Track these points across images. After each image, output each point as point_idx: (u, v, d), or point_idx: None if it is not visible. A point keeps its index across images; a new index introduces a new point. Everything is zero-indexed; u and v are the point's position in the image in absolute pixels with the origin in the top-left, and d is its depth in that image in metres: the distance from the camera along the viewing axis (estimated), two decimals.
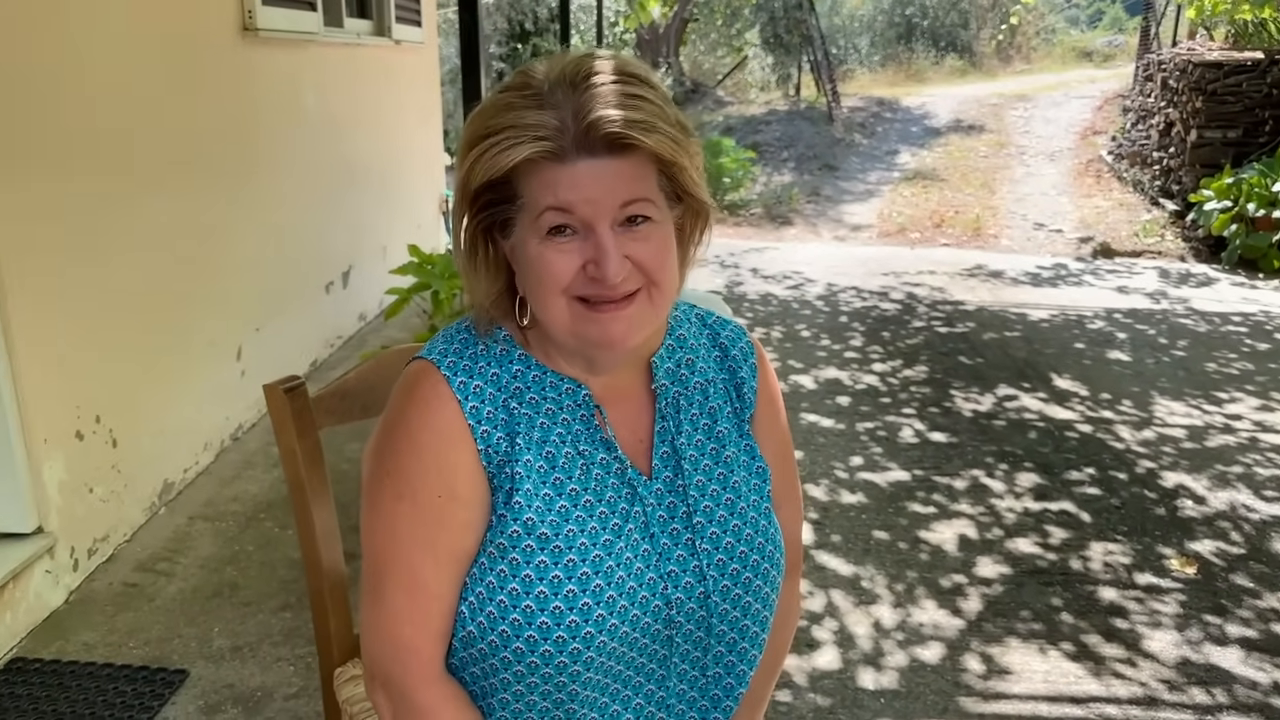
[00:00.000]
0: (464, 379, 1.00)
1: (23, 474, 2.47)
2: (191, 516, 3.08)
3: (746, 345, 1.16)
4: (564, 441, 1.02)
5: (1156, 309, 5.81)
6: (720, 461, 1.09)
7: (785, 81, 16.45)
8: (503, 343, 1.04)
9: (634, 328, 0.98)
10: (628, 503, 1.03)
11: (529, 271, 0.96)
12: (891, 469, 3.52)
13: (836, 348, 4.99)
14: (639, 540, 1.02)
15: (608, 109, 0.90)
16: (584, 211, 0.92)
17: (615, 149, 0.92)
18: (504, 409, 1.00)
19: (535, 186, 0.93)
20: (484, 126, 0.94)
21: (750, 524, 1.08)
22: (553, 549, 0.98)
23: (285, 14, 3.92)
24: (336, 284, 4.69)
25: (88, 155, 2.73)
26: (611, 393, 1.06)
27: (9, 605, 2.40)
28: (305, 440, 1.41)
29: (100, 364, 2.79)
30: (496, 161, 0.91)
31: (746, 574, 1.06)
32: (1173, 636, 2.54)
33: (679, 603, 1.03)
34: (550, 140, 0.90)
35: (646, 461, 1.06)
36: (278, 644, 2.44)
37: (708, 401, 1.11)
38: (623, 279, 0.94)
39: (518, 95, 0.94)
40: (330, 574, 1.44)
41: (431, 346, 1.04)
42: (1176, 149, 8.43)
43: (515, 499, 0.98)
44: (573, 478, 1.01)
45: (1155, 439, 3.82)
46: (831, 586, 2.74)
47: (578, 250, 0.94)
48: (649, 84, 0.95)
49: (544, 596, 0.97)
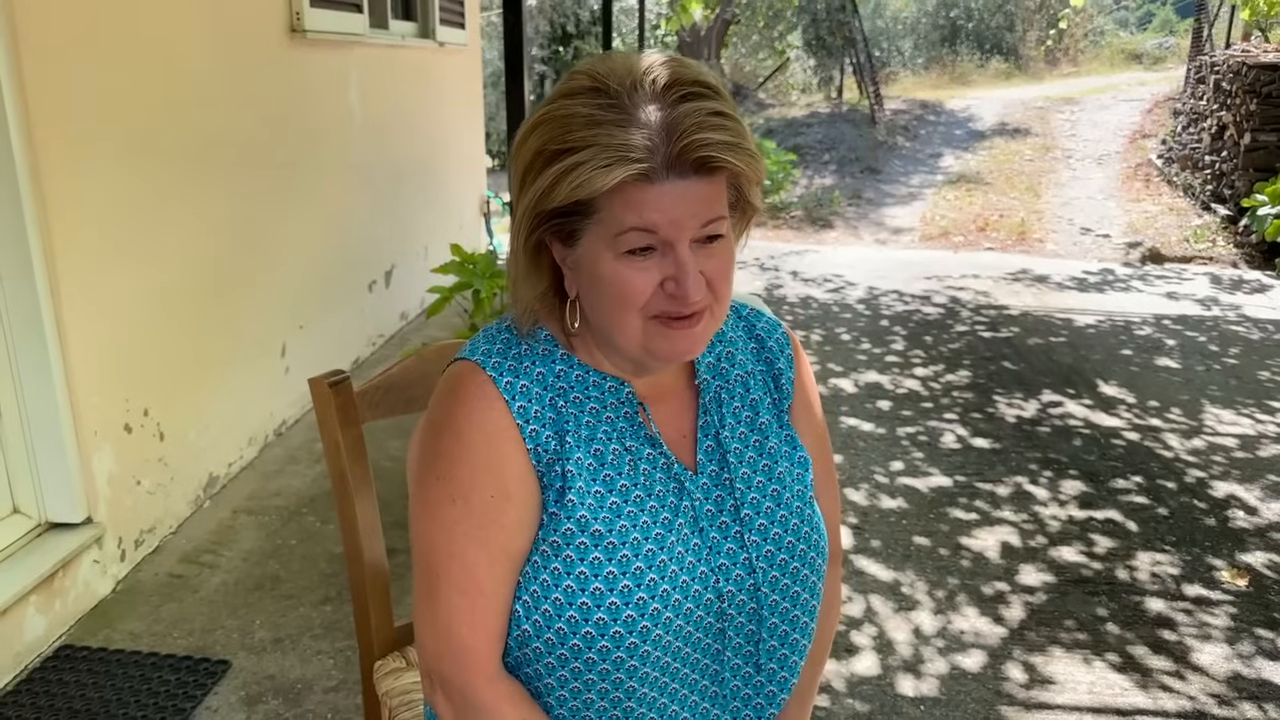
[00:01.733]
0: (510, 379, 1.00)
1: (73, 465, 2.52)
2: (235, 510, 3.13)
3: (782, 336, 1.17)
4: (610, 438, 1.02)
5: (1207, 315, 5.69)
6: (764, 453, 1.09)
7: (827, 84, 16.34)
8: (544, 342, 1.04)
9: (699, 343, 0.99)
10: (676, 497, 1.03)
11: (602, 288, 0.95)
12: (933, 474, 3.48)
13: (877, 351, 4.94)
14: (689, 534, 1.02)
15: (700, 132, 0.89)
16: (668, 232, 0.91)
17: (703, 170, 0.91)
18: (551, 407, 1.00)
19: (618, 205, 0.90)
20: (564, 141, 0.90)
21: (796, 514, 1.08)
22: (606, 545, 0.98)
23: (332, 15, 3.96)
24: (379, 283, 4.74)
25: (139, 154, 2.78)
26: (654, 390, 1.07)
27: (59, 593, 2.45)
28: (349, 433, 1.42)
29: (149, 358, 2.84)
30: (590, 182, 0.88)
31: (795, 564, 1.07)
32: (1223, 650, 2.48)
33: (730, 595, 1.03)
34: (642, 162, 0.88)
35: (691, 456, 1.06)
36: (318, 637, 2.46)
37: (749, 394, 1.11)
38: (701, 296, 0.95)
39: (596, 106, 0.90)
40: (371, 567, 1.45)
41: (474, 347, 1.04)
42: (1229, 152, 8.25)
43: (568, 497, 0.98)
44: (622, 473, 1.01)
45: (1205, 448, 3.74)
46: (871, 592, 2.71)
47: (656, 267, 0.93)
48: (723, 96, 0.94)
49: (599, 593, 0.97)
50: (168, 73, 2.91)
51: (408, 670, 1.43)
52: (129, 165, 2.74)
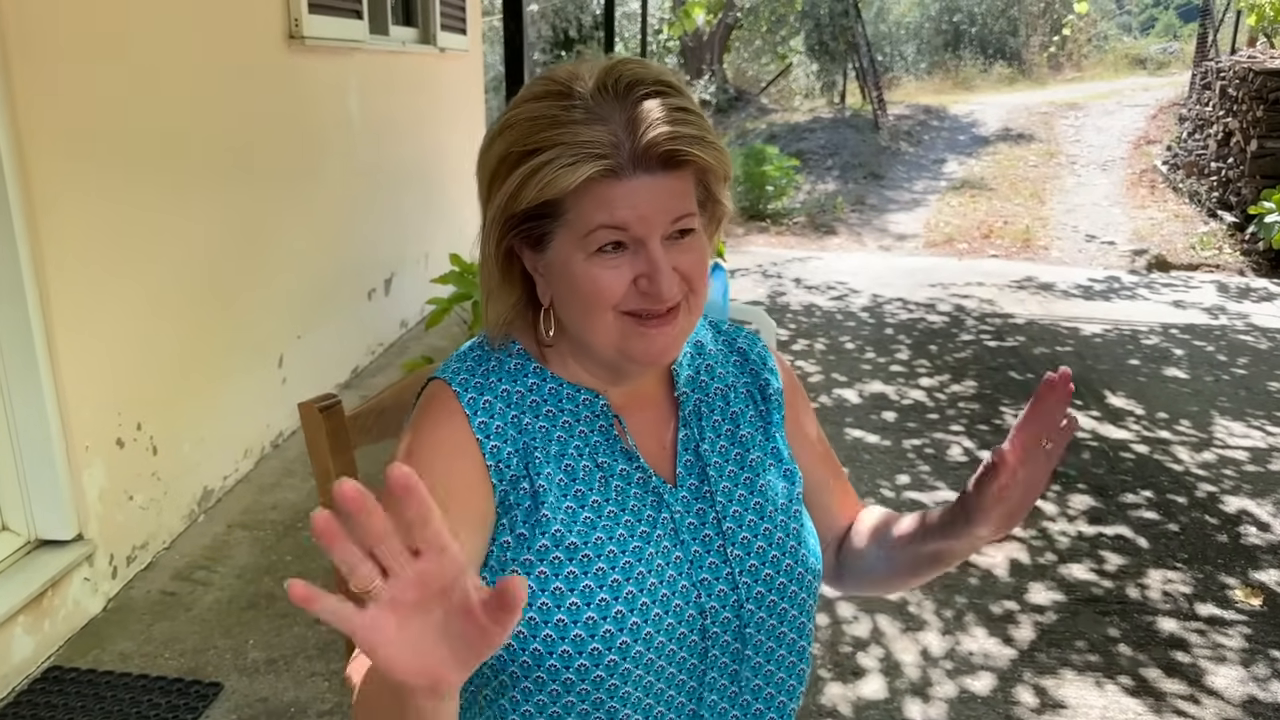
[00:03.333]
0: (474, 395, 1.00)
1: (64, 481, 2.47)
2: (230, 525, 3.08)
3: (764, 349, 1.17)
4: (581, 454, 1.01)
5: (1215, 324, 5.63)
6: (745, 466, 1.08)
7: (830, 89, 16.30)
8: (517, 357, 1.04)
9: (676, 341, 0.98)
10: (654, 510, 1.01)
11: (573, 288, 0.95)
12: (940, 489, 3.42)
13: (882, 361, 4.89)
14: (669, 547, 1.00)
15: (663, 125, 0.89)
16: (637, 229, 0.91)
17: (669, 165, 0.91)
18: (515, 425, 1.00)
19: (586, 204, 0.91)
20: (528, 141, 0.91)
21: (780, 528, 1.06)
22: (581, 558, 0.96)
23: (331, 22, 3.92)
24: (379, 291, 4.69)
25: (133, 162, 2.73)
26: (632, 401, 1.05)
27: (47, 613, 2.40)
28: (340, 460, 1.36)
29: (142, 370, 2.79)
30: (556, 181, 0.89)
31: (780, 579, 1.04)
32: (1238, 672, 2.43)
33: (713, 612, 1.00)
34: (608, 158, 0.89)
35: (670, 469, 1.05)
36: (312, 658, 2.41)
37: (729, 407, 1.10)
38: (675, 292, 0.94)
39: (558, 107, 0.91)
40: None
41: (445, 366, 1.04)
42: (1236, 159, 8.19)
43: (541, 512, 0.96)
44: (593, 489, 1.00)
45: (1215, 461, 3.68)
46: (877, 611, 2.66)
47: (628, 265, 0.93)
48: (686, 94, 0.94)
49: (576, 608, 0.94)
50: (163, 80, 2.87)
51: None
52: (123, 174, 2.69)
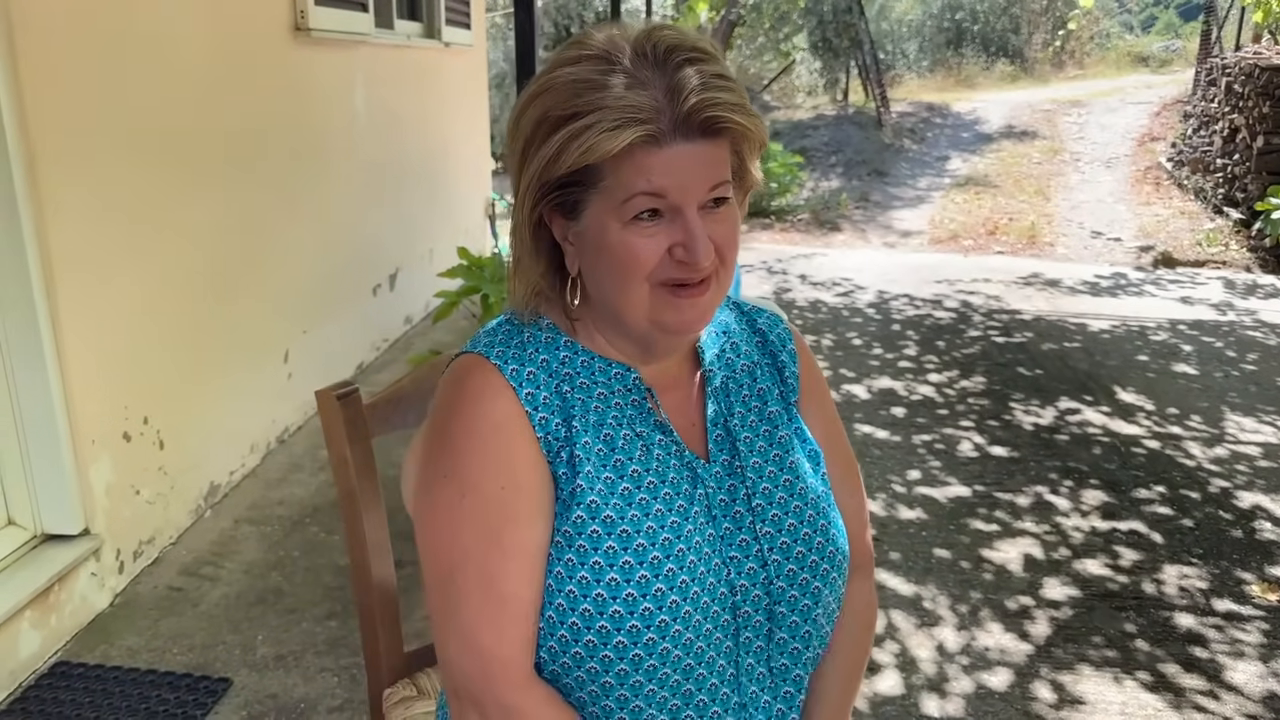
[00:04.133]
0: (515, 366, 0.97)
1: (70, 475, 2.44)
2: (237, 520, 3.05)
3: (784, 331, 1.15)
4: (620, 424, 0.98)
5: (1223, 320, 5.60)
6: (775, 443, 1.06)
7: (833, 86, 16.27)
8: (547, 330, 1.01)
9: (707, 311, 0.96)
10: (690, 485, 0.99)
11: (607, 257, 0.92)
12: (951, 484, 3.40)
13: (890, 356, 4.86)
14: (705, 524, 0.98)
15: (706, 91, 0.87)
16: (676, 197, 0.89)
17: (709, 132, 0.89)
18: (557, 394, 0.97)
19: (626, 170, 0.88)
20: (567, 105, 0.88)
21: (811, 504, 1.04)
22: (620, 533, 0.93)
23: (337, 14, 3.89)
24: (384, 286, 4.66)
25: (138, 155, 2.71)
26: (661, 379, 1.04)
27: (54, 608, 2.37)
28: (358, 449, 1.34)
29: (149, 365, 2.77)
30: (598, 145, 0.86)
31: (812, 556, 1.02)
32: (1257, 668, 2.40)
33: (744, 590, 0.98)
34: (650, 124, 0.86)
35: (702, 446, 1.03)
36: (322, 654, 2.39)
37: (755, 384, 1.09)
38: (710, 261, 0.92)
39: (597, 71, 0.88)
40: (381, 588, 1.37)
41: (475, 340, 1.01)
42: (1242, 156, 8.16)
43: (577, 483, 0.94)
44: (633, 459, 0.97)
45: (1228, 456, 3.66)
46: (892, 607, 2.63)
47: (664, 234, 0.91)
48: (721, 60, 0.92)
49: (615, 583, 0.92)
50: (169, 73, 2.84)
51: (419, 699, 1.35)
52: (129, 167, 2.66)
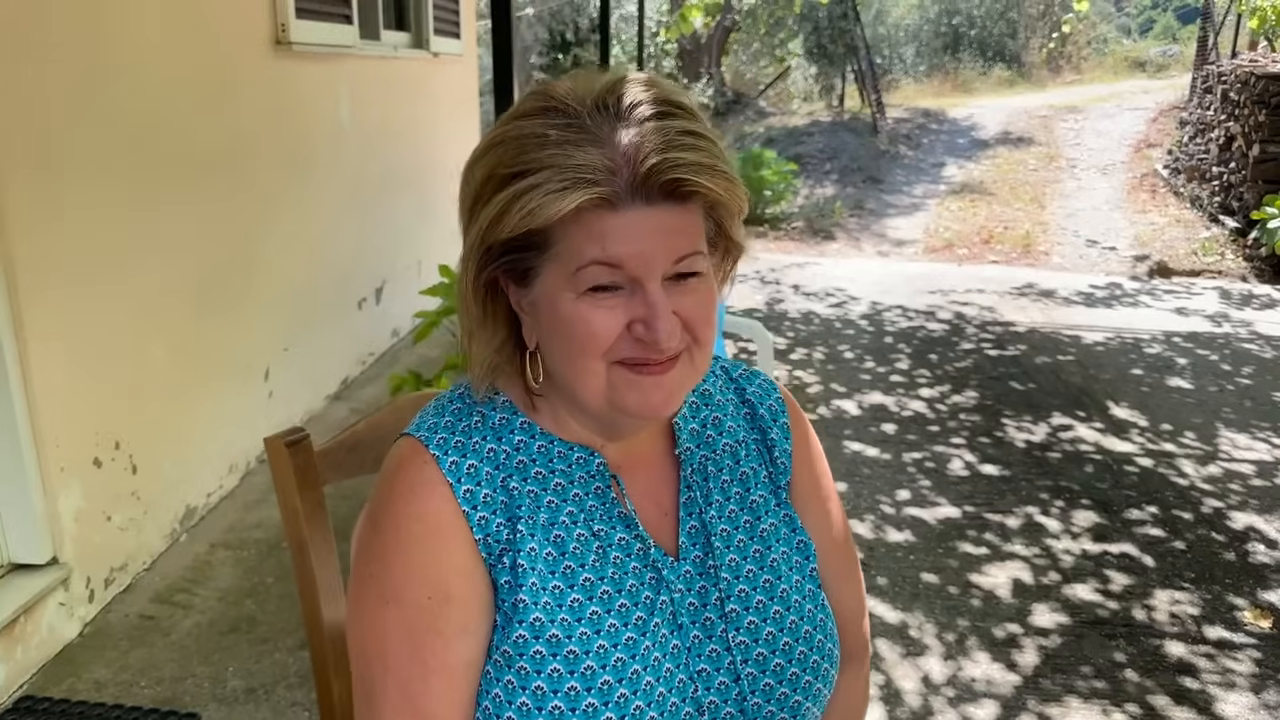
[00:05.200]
0: (456, 458, 0.87)
1: (37, 504, 2.39)
2: (213, 544, 3.00)
3: (777, 402, 1.02)
4: (575, 522, 0.88)
5: (1218, 333, 5.56)
6: (755, 536, 0.95)
7: (828, 92, 16.23)
8: (502, 409, 0.91)
9: (676, 394, 0.86)
10: (652, 590, 0.89)
11: (560, 331, 0.83)
12: (940, 504, 3.35)
13: (882, 370, 4.82)
14: (667, 636, 0.88)
15: (669, 151, 0.78)
16: (634, 267, 0.80)
17: (674, 196, 0.80)
18: (503, 489, 0.87)
19: (577, 236, 0.79)
20: (515, 162, 0.80)
21: (794, 609, 0.93)
22: (566, 654, 0.84)
23: (320, 27, 3.84)
24: (369, 300, 4.61)
25: (111, 169, 2.66)
26: (629, 460, 0.93)
27: (19, 639, 2.32)
28: (308, 498, 1.29)
29: (120, 387, 2.72)
30: (542, 208, 0.77)
31: (792, 669, 0.92)
32: (1248, 699, 2.35)
33: (712, 708, 0.88)
34: (602, 185, 0.77)
35: (672, 539, 0.92)
36: (293, 686, 2.34)
37: (739, 466, 0.97)
38: (675, 341, 0.82)
39: (551, 125, 0.79)
40: (334, 637, 1.32)
41: (421, 420, 0.91)
42: (1238, 164, 8.13)
43: (519, 595, 0.85)
44: (586, 565, 0.87)
45: (1221, 475, 3.61)
46: (878, 635, 2.58)
47: (622, 307, 0.81)
48: (695, 116, 0.82)
49: (559, 712, 0.83)
50: (144, 85, 2.79)
51: None
52: (100, 182, 2.61)
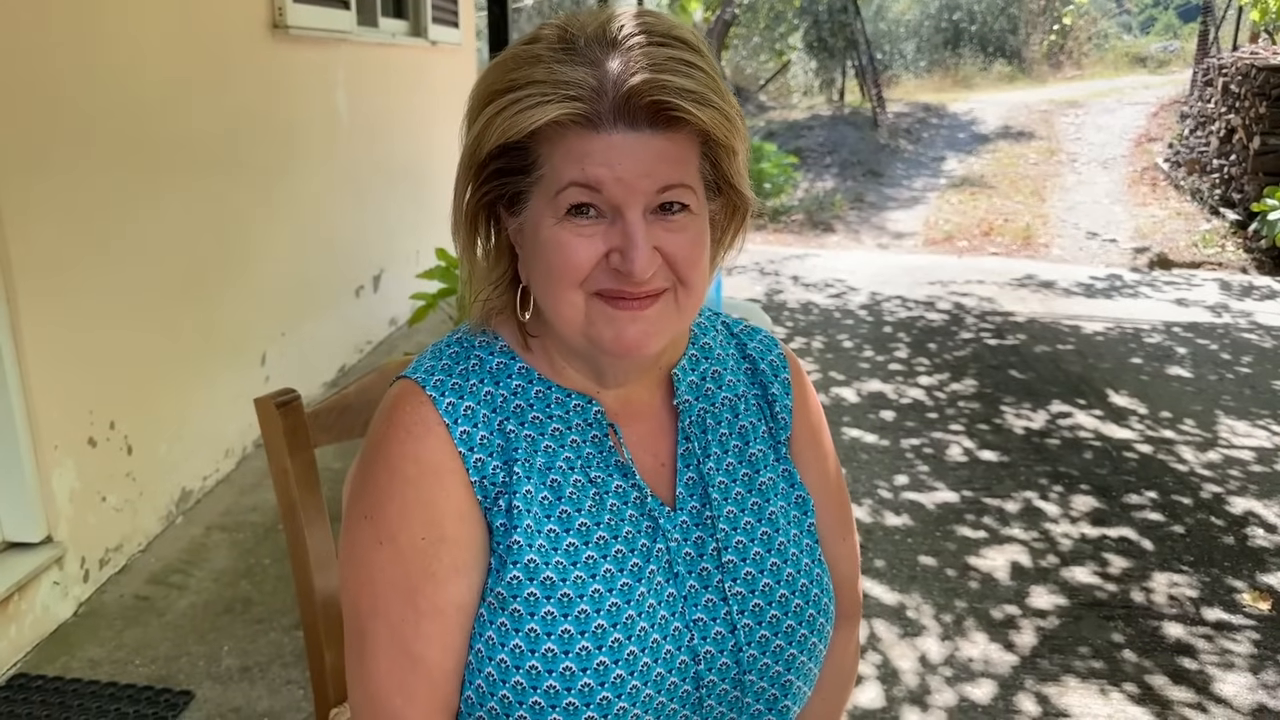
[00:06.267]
0: (453, 399, 0.86)
1: (31, 482, 2.38)
2: (209, 526, 2.99)
3: (778, 358, 1.01)
4: (572, 467, 0.87)
5: (1218, 323, 5.55)
6: (754, 489, 0.94)
7: (829, 86, 16.21)
8: (499, 354, 0.90)
9: (653, 333, 0.84)
10: (649, 539, 0.87)
11: (539, 256, 0.82)
12: (939, 489, 3.34)
13: (880, 359, 4.81)
14: (662, 584, 0.87)
15: (656, 73, 0.76)
16: (614, 191, 0.78)
17: (660, 122, 0.78)
18: (500, 432, 0.86)
19: (559, 156, 0.79)
20: (503, 80, 0.79)
21: (791, 561, 0.92)
22: (560, 597, 0.83)
23: (317, 12, 3.83)
24: (367, 287, 4.60)
25: (106, 152, 2.65)
26: (627, 410, 0.92)
27: (13, 618, 2.31)
28: (299, 459, 1.28)
29: (116, 367, 2.71)
30: (517, 121, 0.77)
31: (788, 621, 0.90)
32: (1246, 680, 2.34)
33: (708, 657, 0.87)
34: (584, 102, 0.76)
35: (669, 490, 0.91)
36: (288, 665, 2.33)
37: (738, 420, 0.96)
38: (650, 275, 0.80)
39: (544, 47, 0.79)
40: (325, 604, 1.31)
41: (418, 364, 0.90)
42: (1238, 156, 8.11)
43: (514, 538, 0.83)
44: (582, 510, 0.86)
45: (1221, 461, 3.60)
46: (875, 616, 2.57)
47: (601, 235, 0.80)
48: (696, 49, 0.80)
49: (552, 655, 0.82)
50: (137, 71, 2.78)
51: None
52: (95, 163, 2.60)
